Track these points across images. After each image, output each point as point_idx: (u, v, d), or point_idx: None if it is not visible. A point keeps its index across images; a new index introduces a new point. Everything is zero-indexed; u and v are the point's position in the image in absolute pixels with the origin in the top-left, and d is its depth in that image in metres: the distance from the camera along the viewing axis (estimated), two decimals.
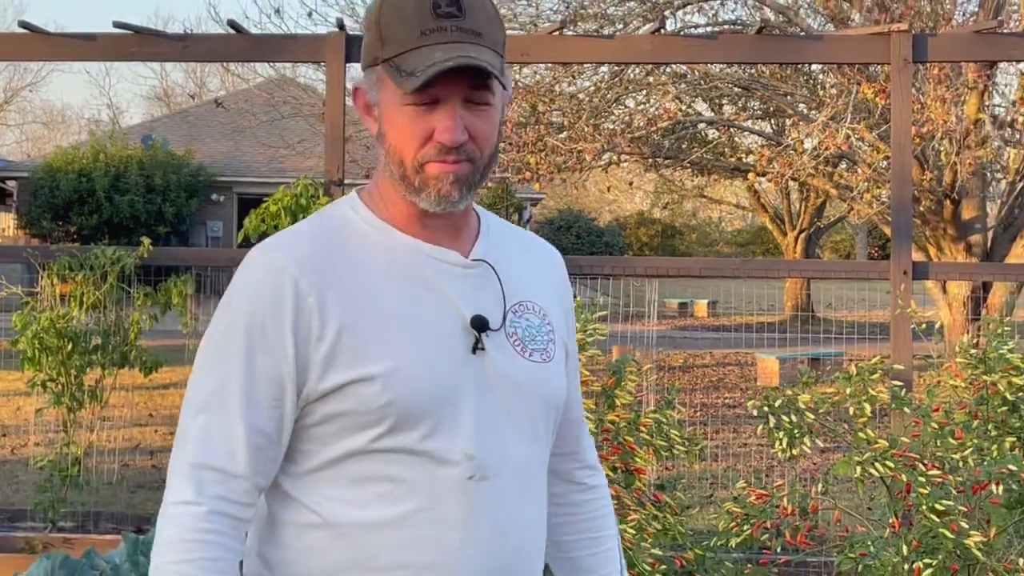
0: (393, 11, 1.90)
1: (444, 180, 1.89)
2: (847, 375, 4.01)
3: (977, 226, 12.56)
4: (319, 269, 1.91)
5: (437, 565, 1.92)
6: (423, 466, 1.90)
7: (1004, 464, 3.72)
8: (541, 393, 2.03)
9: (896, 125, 6.86)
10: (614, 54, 7.70)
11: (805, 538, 3.99)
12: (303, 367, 1.88)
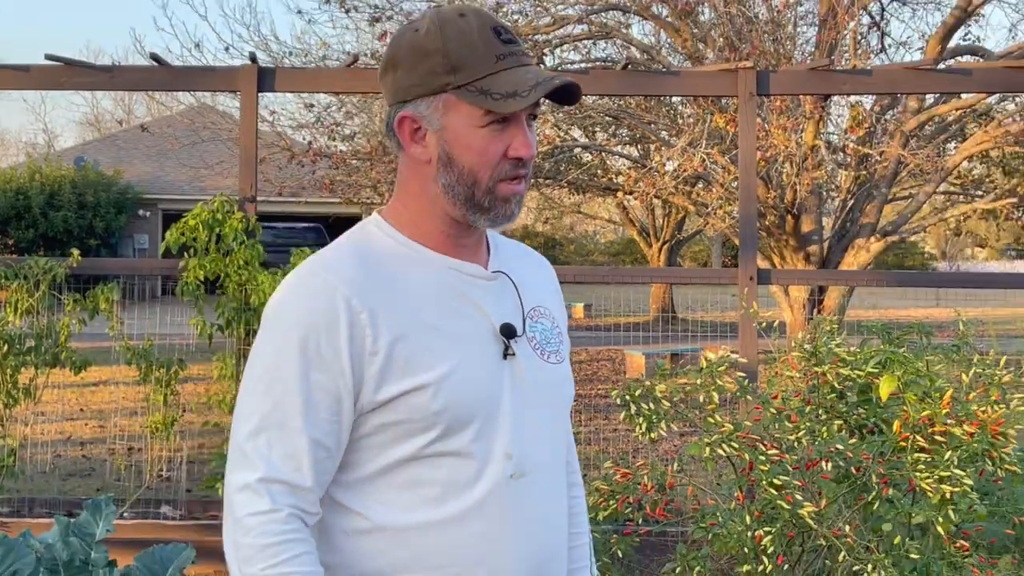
0: (459, 40, 1.85)
1: (512, 201, 1.90)
2: (699, 368, 4.08)
3: (814, 238, 12.79)
4: (366, 287, 1.85)
5: (486, 560, 1.87)
6: (469, 467, 1.86)
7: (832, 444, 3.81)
8: (560, 392, 2.04)
9: (743, 150, 6.98)
10: None
11: (663, 511, 4.05)
12: (358, 380, 1.82)
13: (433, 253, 1.93)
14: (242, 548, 1.76)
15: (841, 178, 12.73)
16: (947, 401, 3.84)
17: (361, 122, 13.16)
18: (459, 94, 1.84)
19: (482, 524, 1.86)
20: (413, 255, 1.93)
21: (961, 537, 3.73)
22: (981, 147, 12.79)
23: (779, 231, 12.62)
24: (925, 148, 12.52)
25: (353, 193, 13.74)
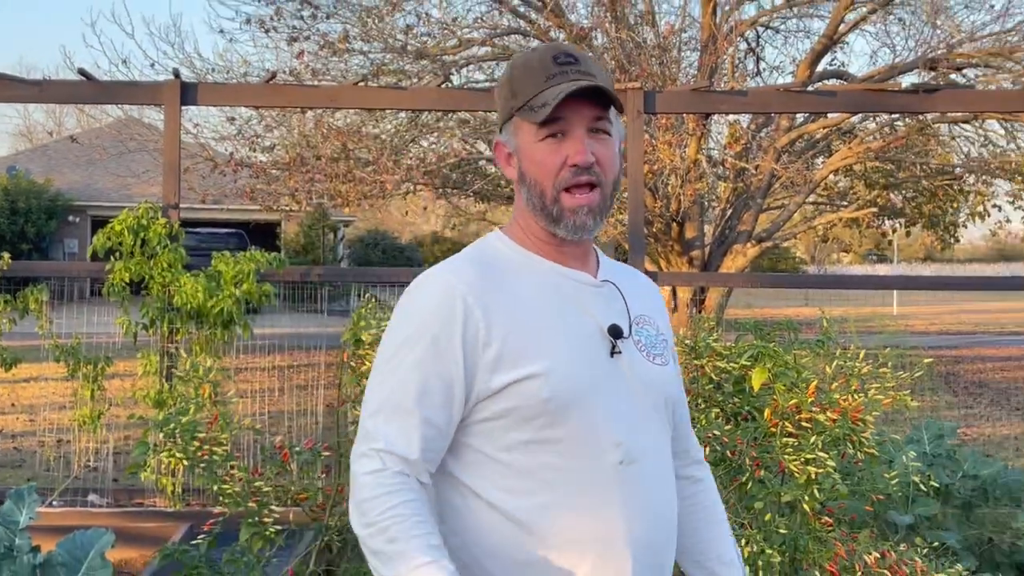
0: (522, 70, 1.91)
1: (580, 212, 1.88)
2: None
3: (697, 243, 12.96)
4: (482, 288, 1.88)
5: (603, 539, 1.87)
6: (580, 454, 1.86)
7: (710, 430, 3.86)
8: (663, 391, 2.00)
9: (632, 163, 7.04)
10: (409, 102, 7.72)
11: None
12: (471, 370, 1.84)
13: (545, 260, 1.96)
14: (360, 504, 1.81)
15: (721, 189, 12.92)
16: (812, 391, 3.92)
17: (280, 134, 13.06)
18: (520, 115, 1.90)
19: (598, 507, 1.87)
20: (526, 262, 1.96)
21: (825, 514, 3.81)
22: (845, 162, 13.07)
23: (665, 237, 12.76)
24: (796, 163, 12.74)
25: (273, 201, 13.65)
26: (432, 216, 29.82)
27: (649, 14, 12.80)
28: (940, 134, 14.15)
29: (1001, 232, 17.15)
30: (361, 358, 3.75)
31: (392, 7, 11.77)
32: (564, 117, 1.86)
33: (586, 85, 1.84)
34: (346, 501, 3.89)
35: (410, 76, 12.03)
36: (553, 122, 1.86)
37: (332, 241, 33.91)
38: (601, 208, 1.91)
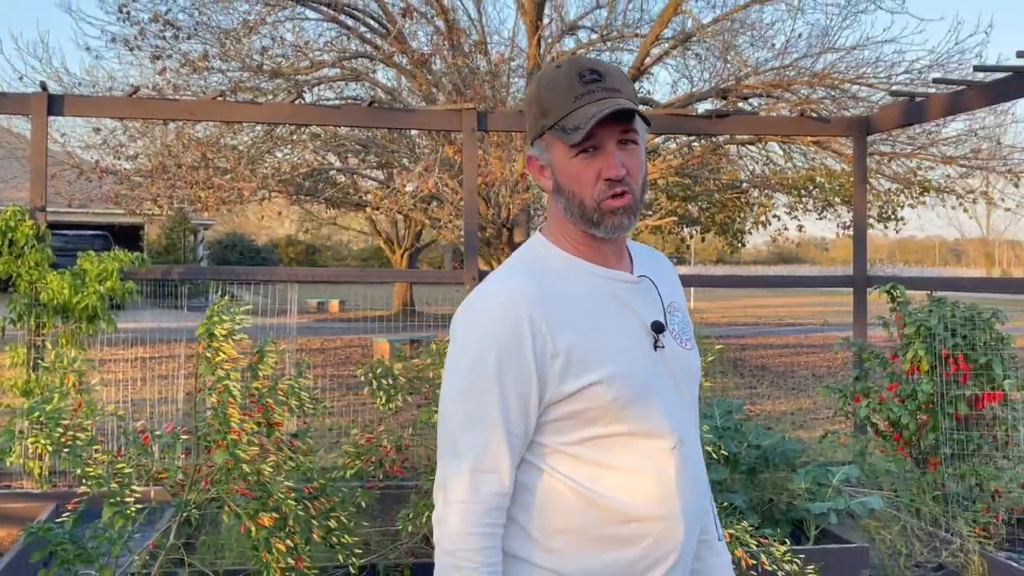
0: (549, 88, 1.87)
1: (617, 213, 1.86)
2: (430, 351, 4.07)
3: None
4: (542, 301, 1.85)
5: (665, 515, 1.88)
6: (641, 443, 1.87)
7: None
8: (695, 373, 2.01)
9: (467, 175, 7.04)
10: (264, 116, 7.55)
11: (400, 468, 4.04)
12: (542, 380, 1.83)
13: (588, 264, 1.93)
14: (447, 524, 1.82)
15: (545, 199, 13.02)
16: None
17: (144, 144, 12.64)
18: (552, 133, 1.87)
19: (659, 487, 1.88)
20: (572, 266, 1.93)
21: None
22: (650, 177, 13.34)
23: (497, 241, 12.80)
24: None
25: (136, 205, 13.26)
26: (286, 220, 29.37)
27: (482, 44, 12.82)
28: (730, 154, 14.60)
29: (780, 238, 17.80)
30: (216, 350, 3.64)
31: (249, 30, 11.49)
32: (596, 135, 1.83)
33: (616, 109, 1.80)
34: (205, 479, 3.78)
35: (265, 93, 11.78)
36: (586, 140, 1.83)
37: (193, 243, 32.95)
38: (634, 209, 1.90)
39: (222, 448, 3.59)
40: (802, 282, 12.92)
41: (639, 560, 1.88)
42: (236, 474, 3.61)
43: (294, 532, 3.62)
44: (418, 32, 12.52)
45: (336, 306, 28.63)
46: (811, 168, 14.33)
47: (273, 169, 12.88)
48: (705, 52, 12.85)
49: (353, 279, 9.55)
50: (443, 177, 11.66)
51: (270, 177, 12.59)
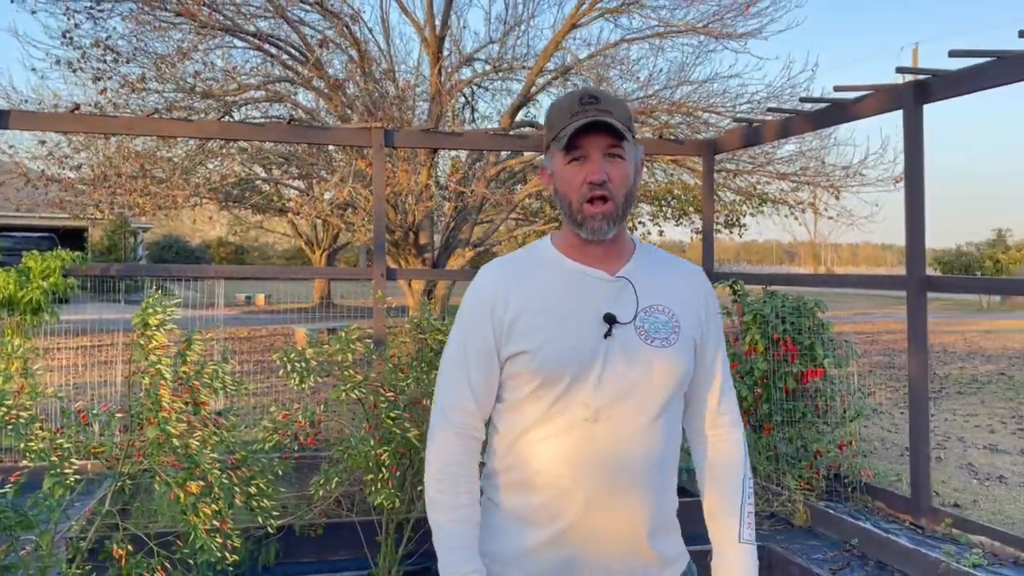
0: (555, 108, 1.95)
1: (596, 218, 1.89)
2: (339, 338, 4.03)
3: (428, 248, 12.99)
4: (513, 280, 1.96)
5: (569, 472, 1.88)
6: (563, 409, 1.88)
7: (432, 387, 3.87)
8: (658, 368, 1.92)
9: (376, 185, 6.99)
10: (195, 132, 7.36)
11: (313, 440, 3.99)
12: (497, 338, 1.93)
13: (568, 260, 1.97)
14: (429, 448, 1.97)
15: (446, 207, 13.01)
16: None
17: (87, 155, 12.19)
18: (553, 145, 1.93)
19: (571, 447, 1.88)
20: (554, 260, 1.99)
21: None
22: (536, 188, 13.43)
23: (404, 243, 12.73)
24: (501, 189, 13.01)
25: (80, 210, 12.80)
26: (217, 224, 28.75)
27: (391, 71, 12.72)
28: None
29: (645, 241, 18.08)
30: (149, 338, 3.54)
31: (182, 56, 11.17)
32: (583, 145, 1.88)
33: (592, 120, 1.85)
34: (138, 452, 3.67)
35: (198, 112, 11.48)
36: (576, 149, 1.88)
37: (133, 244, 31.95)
38: (615, 216, 1.91)
39: (154, 424, 3.51)
40: None
41: (542, 508, 1.90)
42: (166, 447, 3.53)
43: (219, 498, 3.55)
44: (334, 60, 12.36)
45: (262, 300, 28.12)
46: (670, 182, 14.63)
47: (204, 179, 12.59)
48: (582, 83, 12.97)
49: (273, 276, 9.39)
50: (356, 187, 11.55)
51: (202, 186, 12.29)
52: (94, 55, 10.66)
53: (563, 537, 1.89)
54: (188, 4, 10.64)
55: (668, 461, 1.96)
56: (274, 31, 11.98)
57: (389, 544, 4.02)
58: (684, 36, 12.48)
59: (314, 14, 11.89)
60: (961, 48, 5.10)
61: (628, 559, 1.91)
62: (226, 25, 11.42)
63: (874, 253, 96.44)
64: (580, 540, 1.89)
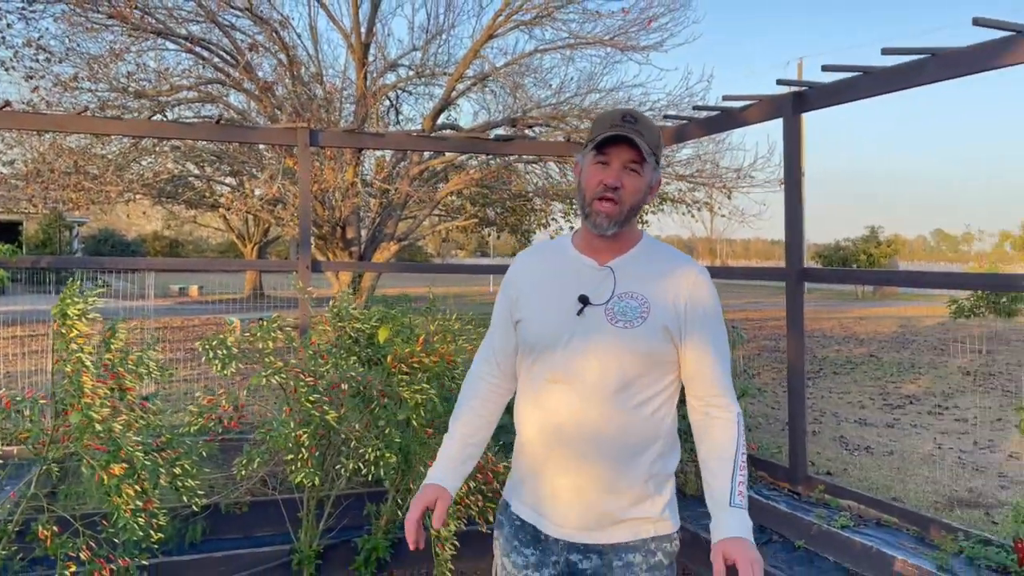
0: (599, 119, 2.07)
1: (600, 215, 2.02)
2: (261, 326, 3.94)
3: (355, 242, 12.84)
4: (529, 264, 2.21)
5: (536, 431, 2.07)
6: (537, 370, 2.07)
7: (349, 372, 3.83)
8: (618, 345, 2.00)
9: (302, 183, 6.86)
10: (126, 130, 7.11)
11: (237, 423, 3.90)
12: (511, 310, 2.17)
13: (573, 250, 2.13)
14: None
15: (371, 204, 12.86)
16: (421, 342, 3.97)
17: (20, 151, 11.69)
18: (588, 145, 2.05)
19: (535, 409, 2.07)
20: (564, 249, 2.16)
21: (429, 427, 3.87)
22: (457, 187, 13.39)
23: (332, 237, 12.55)
24: (424, 187, 12.93)
25: (13, 204, 12.30)
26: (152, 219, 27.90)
27: (319, 75, 12.51)
28: (518, 170, 14.80)
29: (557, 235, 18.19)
30: (70, 327, 3.41)
31: (115, 57, 10.80)
32: (610, 153, 2.02)
33: (619, 133, 1.99)
34: (63, 437, 3.54)
35: (132, 111, 11.12)
36: (604, 154, 2.02)
37: (68, 238, 30.80)
38: (617, 218, 2.03)
39: (77, 410, 3.38)
40: None
41: (530, 467, 2.10)
42: (90, 432, 3.40)
43: (143, 479, 3.45)
44: (264, 63, 12.11)
45: (196, 291, 27.46)
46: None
47: (138, 175, 12.20)
48: (499, 89, 12.97)
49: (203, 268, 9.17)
50: (285, 184, 11.35)
51: (135, 182, 11.92)
52: (27, 55, 10.23)
53: (528, 469, 2.11)
54: (120, 7, 10.28)
55: (633, 432, 2.01)
56: (206, 35, 11.65)
57: (310, 520, 3.97)
58: (592, 48, 12.57)
59: (245, 19, 11.61)
60: (834, 63, 5.25)
61: (580, 508, 2.04)
62: (158, 28, 11.06)
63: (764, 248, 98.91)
64: (540, 477, 2.08)
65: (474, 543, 4.22)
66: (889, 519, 5.11)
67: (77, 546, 3.36)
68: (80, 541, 3.38)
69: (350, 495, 4.57)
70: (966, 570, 4.27)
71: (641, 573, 2.01)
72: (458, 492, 3.70)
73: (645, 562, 2.01)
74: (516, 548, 2.11)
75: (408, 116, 14.69)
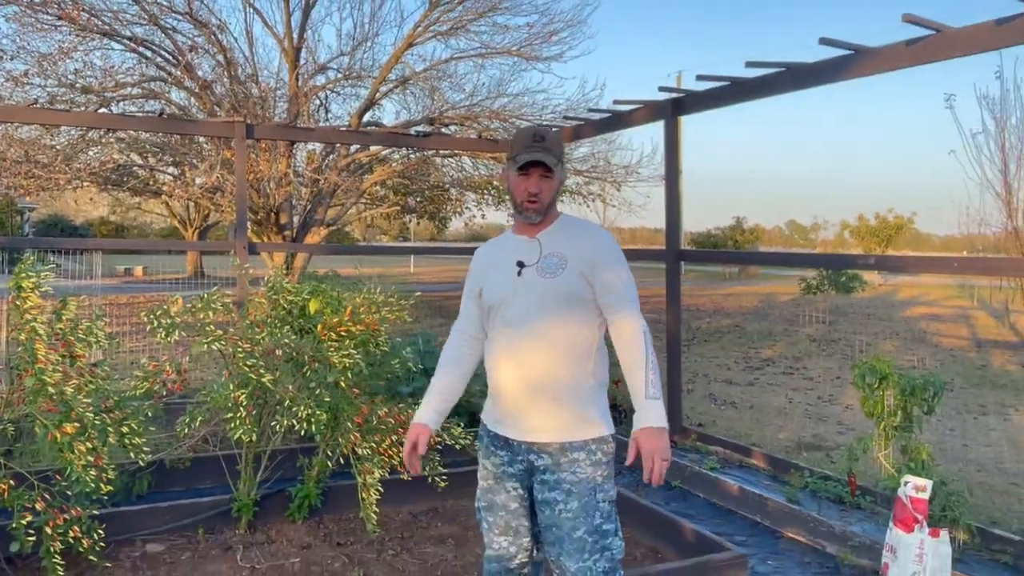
0: (517, 138, 2.36)
1: (530, 212, 2.33)
2: (201, 298, 3.84)
3: (288, 227, 12.56)
4: (488, 249, 2.50)
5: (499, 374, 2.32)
6: (496, 321, 2.34)
7: (283, 340, 3.77)
8: (548, 291, 2.26)
9: (238, 171, 6.68)
10: (74, 121, 6.78)
11: (181, 386, 3.80)
12: (477, 283, 2.44)
13: (512, 234, 2.44)
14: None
15: (303, 192, 12.57)
16: (348, 313, 3.94)
17: None
18: (511, 162, 2.36)
19: (497, 343, 2.34)
20: (506, 238, 2.47)
21: (355, 387, 3.85)
22: (381, 178, 13.24)
23: (267, 222, 12.25)
24: (351, 177, 12.72)
25: None
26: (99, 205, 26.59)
27: (254, 75, 12.11)
28: (436, 163, 14.72)
29: (471, 223, 18.22)
30: (24, 299, 3.26)
31: (64, 55, 10.25)
32: (528, 168, 2.32)
33: (534, 158, 2.29)
34: (18, 400, 3.40)
35: (79, 105, 10.57)
36: (524, 170, 2.32)
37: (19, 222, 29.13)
38: (541, 210, 2.34)
39: (31, 375, 3.25)
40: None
41: (497, 393, 2.35)
42: (43, 395, 3.27)
43: (93, 437, 3.34)
44: (203, 63, 11.66)
45: (141, 271, 26.37)
46: (490, 175, 14.74)
47: (85, 164, 11.62)
48: (418, 92, 12.84)
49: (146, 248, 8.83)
50: (224, 173, 11.00)
51: (83, 170, 11.34)
52: None
53: (496, 394, 2.36)
54: (68, 9, 9.75)
55: (569, 354, 2.27)
56: (149, 36, 11.16)
57: (248, 472, 3.92)
58: (501, 57, 12.57)
59: (185, 23, 11.16)
60: (707, 74, 5.39)
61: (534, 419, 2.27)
62: (104, 29, 10.54)
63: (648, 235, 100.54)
64: (504, 399, 2.32)
65: (395, 489, 4.24)
66: (749, 461, 5.34)
67: (32, 498, 3.24)
68: (35, 494, 3.26)
69: (285, 450, 4.52)
70: (809, 501, 4.51)
71: (586, 467, 2.25)
72: (381, 445, 3.72)
73: (588, 459, 2.26)
74: (493, 451, 2.38)
75: (336, 115, 14.35)
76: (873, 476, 4.79)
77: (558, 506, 2.23)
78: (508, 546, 2.37)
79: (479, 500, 2.43)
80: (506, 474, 2.34)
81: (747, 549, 3.89)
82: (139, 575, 3.38)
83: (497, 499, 2.36)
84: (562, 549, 2.23)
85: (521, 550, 2.38)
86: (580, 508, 2.22)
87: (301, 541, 3.76)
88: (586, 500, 2.22)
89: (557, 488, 2.23)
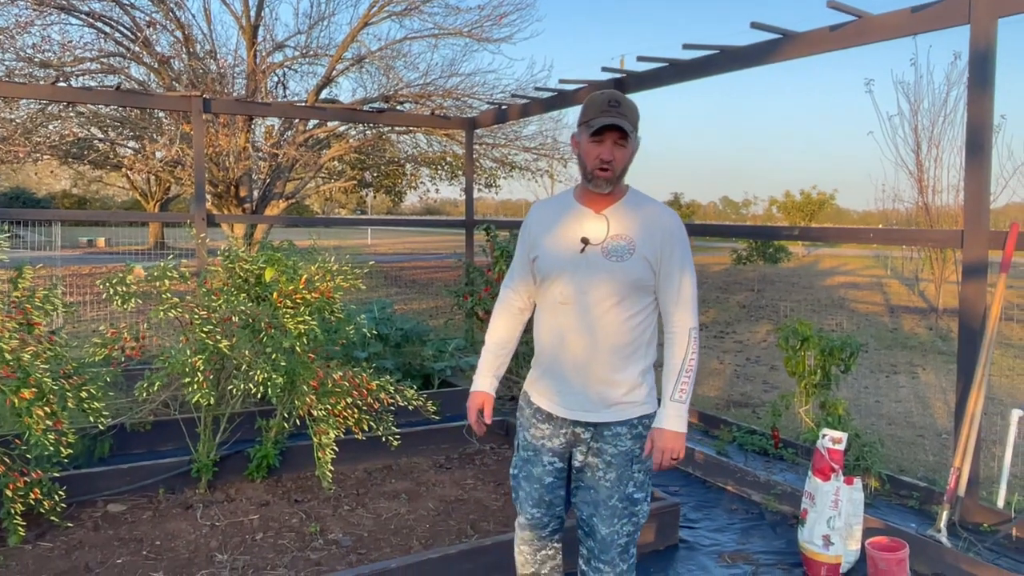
0: (591, 102, 2.13)
1: (600, 180, 2.12)
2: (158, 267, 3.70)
3: (248, 199, 12.24)
4: (542, 211, 2.27)
5: (551, 344, 2.20)
6: (551, 298, 2.19)
7: (239, 307, 3.66)
8: (611, 275, 2.11)
9: (196, 145, 6.46)
10: (31, 93, 6.45)
11: (139, 352, 3.68)
12: (529, 249, 2.26)
13: (575, 201, 2.22)
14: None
15: (262, 166, 12.25)
16: (303, 281, 3.84)
17: None
18: (584, 126, 2.14)
19: (550, 325, 2.20)
20: (568, 202, 2.23)
21: (310, 352, 3.77)
22: (338, 153, 12.96)
23: (227, 195, 11.91)
24: (309, 152, 12.42)
25: None
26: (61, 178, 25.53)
27: (212, 52, 11.70)
28: (392, 139, 14.47)
29: (426, 198, 18.02)
30: None
31: (21, 29, 9.72)
32: (603, 134, 2.10)
33: (611, 121, 2.06)
34: None
35: (38, 79, 10.07)
36: (598, 135, 2.10)
37: None
38: (612, 179, 2.13)
39: None
40: (433, 223, 13.09)
41: (546, 368, 2.24)
42: (0, 361, 3.13)
43: (52, 402, 3.21)
44: (161, 39, 11.20)
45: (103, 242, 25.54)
46: (444, 151, 14.56)
47: (45, 138, 11.11)
48: (374, 70, 12.55)
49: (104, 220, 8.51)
50: (183, 147, 10.64)
51: (42, 144, 10.85)
52: None
53: (544, 369, 2.25)
54: None
55: (624, 338, 2.16)
56: (107, 12, 10.66)
57: (207, 434, 3.82)
58: (454, 38, 12.36)
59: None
60: (648, 55, 5.37)
61: (582, 398, 2.18)
62: (62, 4, 10.02)
63: None
64: (553, 375, 2.21)
65: (351, 448, 4.19)
66: None
67: None
68: None
69: (243, 413, 4.42)
70: (737, 453, 4.61)
71: (626, 440, 2.19)
72: (336, 407, 3.66)
73: (630, 432, 2.19)
74: (535, 424, 2.28)
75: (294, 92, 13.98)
76: (795, 430, 4.91)
77: (598, 472, 2.20)
78: (541, 516, 2.31)
79: (515, 467, 2.34)
80: (545, 448, 2.25)
81: (680, 498, 3.96)
82: (101, 534, 3.28)
83: (534, 471, 2.28)
84: (595, 511, 2.20)
85: (554, 519, 2.33)
86: (616, 479, 2.19)
87: (260, 499, 3.69)
88: (623, 471, 2.19)
89: (599, 456, 2.20)
